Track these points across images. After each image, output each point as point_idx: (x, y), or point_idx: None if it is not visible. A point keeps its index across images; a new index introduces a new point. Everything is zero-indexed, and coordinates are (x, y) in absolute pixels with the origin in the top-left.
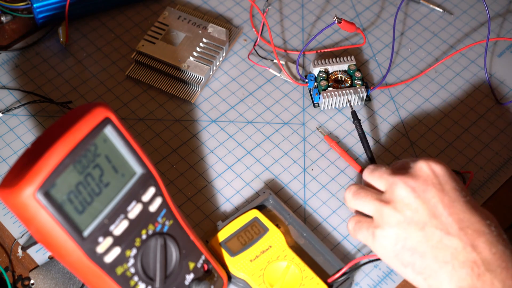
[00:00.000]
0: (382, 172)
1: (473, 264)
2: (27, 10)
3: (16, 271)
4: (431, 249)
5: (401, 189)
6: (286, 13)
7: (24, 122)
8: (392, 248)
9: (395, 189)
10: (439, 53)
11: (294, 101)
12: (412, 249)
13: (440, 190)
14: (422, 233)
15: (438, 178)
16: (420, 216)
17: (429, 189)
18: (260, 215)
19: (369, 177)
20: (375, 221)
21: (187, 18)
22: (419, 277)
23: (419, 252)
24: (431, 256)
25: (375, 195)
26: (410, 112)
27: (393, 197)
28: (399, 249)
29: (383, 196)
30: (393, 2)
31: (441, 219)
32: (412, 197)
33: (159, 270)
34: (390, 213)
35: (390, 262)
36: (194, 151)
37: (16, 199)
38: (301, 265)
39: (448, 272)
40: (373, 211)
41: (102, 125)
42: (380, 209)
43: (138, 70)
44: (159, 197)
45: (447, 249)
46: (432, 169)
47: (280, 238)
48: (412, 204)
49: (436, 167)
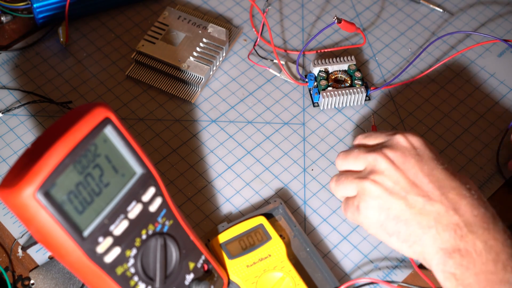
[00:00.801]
0: (356, 153)
1: (456, 226)
2: (27, 10)
3: (16, 271)
4: (414, 216)
5: (381, 162)
6: (286, 13)
7: (24, 122)
8: (376, 218)
9: (375, 163)
10: (439, 53)
11: (294, 101)
12: (396, 218)
13: (418, 160)
14: (404, 201)
15: (416, 149)
16: (402, 186)
17: (408, 160)
18: (266, 223)
19: (343, 164)
20: (358, 197)
21: (187, 18)
22: (404, 244)
23: (403, 220)
24: (414, 222)
25: (355, 175)
26: (410, 112)
27: (373, 172)
28: (383, 219)
29: (362, 174)
30: (393, 2)
31: (422, 187)
32: (392, 169)
33: (159, 270)
34: (371, 186)
35: (375, 233)
36: (194, 151)
37: (16, 199)
38: (297, 278)
39: (432, 236)
40: (356, 189)
41: (102, 125)
42: (361, 185)
43: (138, 70)
44: (159, 197)
45: (430, 214)
46: (410, 141)
47: (281, 248)
48: (393, 176)
49: (413, 139)
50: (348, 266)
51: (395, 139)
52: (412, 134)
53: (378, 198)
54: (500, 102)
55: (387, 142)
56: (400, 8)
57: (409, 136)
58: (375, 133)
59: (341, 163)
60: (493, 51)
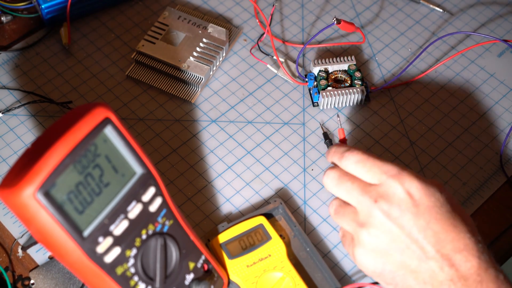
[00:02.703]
0: (349, 187)
1: (450, 282)
2: (27, 10)
3: (16, 271)
4: (410, 273)
5: (376, 215)
6: (286, 13)
7: (24, 122)
8: (372, 268)
9: (370, 213)
10: (439, 53)
11: (294, 101)
12: (392, 272)
13: (415, 214)
14: (400, 259)
15: (412, 199)
16: (397, 243)
17: (404, 214)
18: (266, 223)
19: (336, 191)
20: (354, 241)
21: (187, 18)
22: None
23: (399, 275)
24: (411, 278)
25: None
26: (410, 112)
27: (368, 223)
28: (379, 271)
29: (359, 219)
30: (393, 2)
31: (418, 244)
32: (388, 224)
33: (159, 270)
34: (367, 238)
35: (372, 276)
36: (194, 151)
37: (16, 199)
38: (297, 278)
39: None
40: (352, 231)
41: (102, 125)
42: (357, 232)
43: (138, 70)
44: (159, 197)
45: (426, 271)
46: (406, 190)
47: (281, 248)
48: (388, 232)
49: (411, 186)
50: (348, 266)
51: (391, 187)
52: (409, 179)
53: (374, 252)
54: (500, 102)
55: (383, 188)
56: (400, 8)
57: (407, 183)
58: (367, 160)
59: (333, 186)
60: (493, 51)
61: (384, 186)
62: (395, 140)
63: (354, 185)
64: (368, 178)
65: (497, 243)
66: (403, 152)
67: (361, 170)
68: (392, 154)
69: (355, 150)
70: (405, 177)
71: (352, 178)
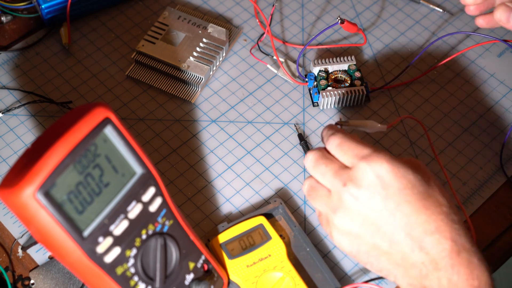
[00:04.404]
0: (323, 169)
1: (422, 265)
2: (27, 10)
3: (16, 271)
4: (383, 254)
5: (347, 198)
6: (286, 13)
7: (24, 122)
8: (348, 249)
9: (340, 197)
10: (439, 53)
11: (294, 101)
12: (367, 253)
13: (384, 197)
14: (372, 241)
15: (382, 182)
16: (368, 226)
17: (373, 197)
18: (266, 223)
19: (312, 171)
20: (329, 224)
21: (187, 18)
22: (379, 273)
23: (373, 256)
24: (384, 259)
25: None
26: (410, 112)
27: (339, 206)
28: (355, 252)
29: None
30: (393, 2)
31: (387, 227)
32: (358, 208)
33: (159, 270)
34: (339, 221)
35: (351, 257)
36: (194, 151)
37: (16, 199)
38: (297, 278)
39: (401, 272)
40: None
41: (102, 125)
42: (330, 216)
43: (138, 70)
44: (159, 197)
45: (397, 254)
46: (376, 173)
47: (281, 248)
48: (358, 216)
49: (380, 169)
50: (348, 266)
51: (360, 170)
52: (379, 162)
53: (348, 235)
54: (500, 102)
55: (353, 172)
56: (400, 8)
57: (376, 166)
58: (345, 143)
59: (310, 168)
60: (493, 51)
61: (355, 169)
62: (395, 140)
63: (328, 168)
64: (344, 160)
65: (497, 243)
66: (403, 152)
67: (339, 153)
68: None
69: (338, 133)
70: (375, 159)
71: (327, 161)
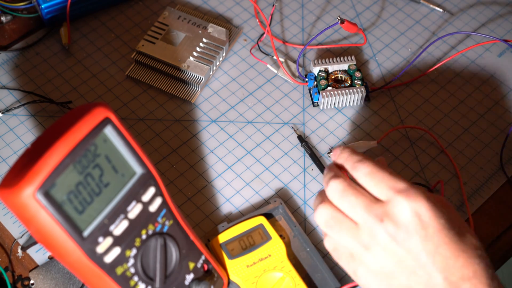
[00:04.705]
0: (354, 202)
1: None
2: (27, 10)
3: (16, 271)
4: None
5: (382, 236)
6: (286, 13)
7: (24, 122)
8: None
9: (375, 233)
10: (439, 53)
11: (294, 101)
12: None
13: (423, 237)
14: (406, 283)
15: (421, 221)
16: (404, 267)
17: (411, 237)
18: (266, 223)
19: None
20: (356, 260)
21: (187, 18)
22: None
23: None
24: None
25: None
26: (410, 112)
27: (372, 244)
28: None
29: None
30: (393, 2)
31: (425, 269)
32: (394, 246)
33: (159, 270)
34: (371, 259)
35: None
36: (194, 151)
37: (16, 199)
38: (297, 279)
39: None
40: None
41: (102, 125)
42: (360, 252)
43: (138, 70)
44: (159, 197)
45: None
46: (415, 212)
47: (281, 248)
48: (394, 255)
49: (419, 206)
50: None
51: (398, 206)
52: (418, 198)
53: (378, 274)
54: (500, 102)
55: (389, 207)
56: (400, 8)
57: (415, 203)
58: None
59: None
60: (493, 51)
61: (390, 204)
62: (395, 140)
63: (359, 200)
64: (376, 192)
65: (497, 243)
66: (403, 152)
67: (370, 183)
68: (392, 154)
69: (367, 161)
70: (413, 195)
71: (356, 191)
